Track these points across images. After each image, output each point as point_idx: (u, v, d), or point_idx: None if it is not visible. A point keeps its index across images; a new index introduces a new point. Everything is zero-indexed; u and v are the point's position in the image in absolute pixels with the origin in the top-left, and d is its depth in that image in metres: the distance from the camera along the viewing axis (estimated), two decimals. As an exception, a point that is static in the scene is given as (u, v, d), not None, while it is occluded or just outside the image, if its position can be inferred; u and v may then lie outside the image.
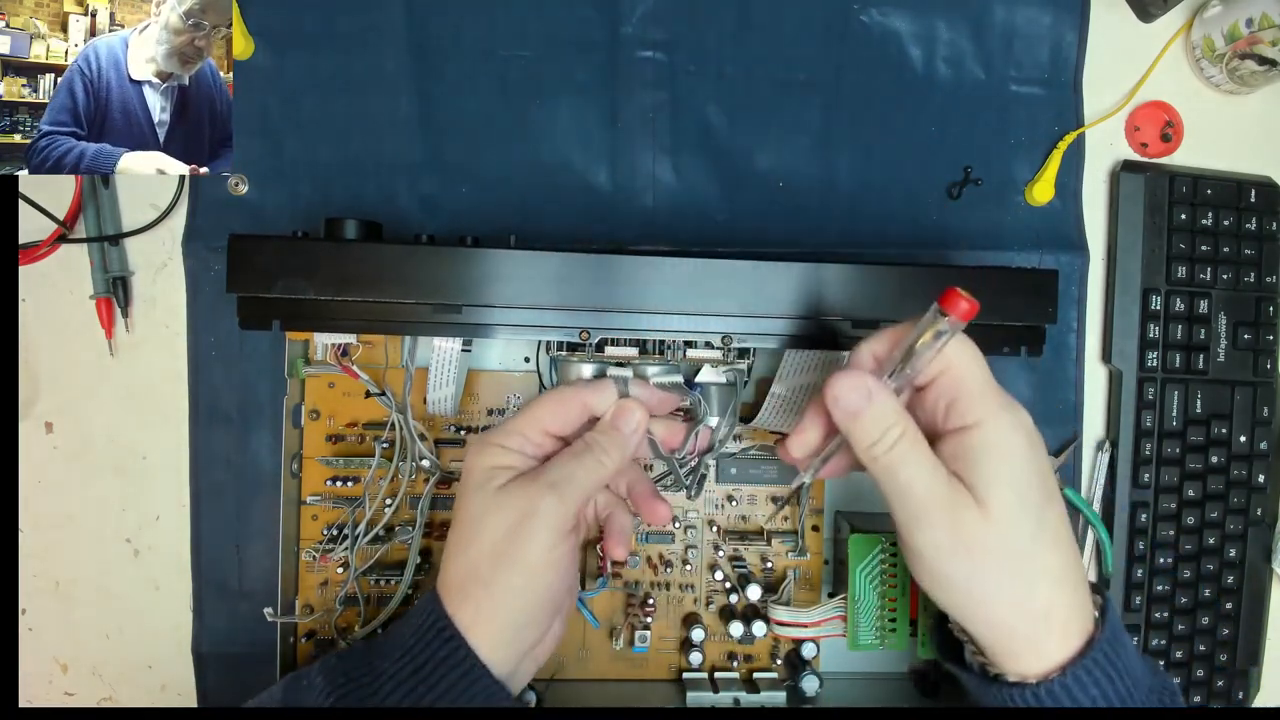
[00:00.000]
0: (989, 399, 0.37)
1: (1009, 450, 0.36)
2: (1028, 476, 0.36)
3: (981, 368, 0.37)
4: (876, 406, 0.36)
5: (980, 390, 0.37)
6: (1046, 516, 0.36)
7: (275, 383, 0.54)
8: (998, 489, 0.35)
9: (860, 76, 0.58)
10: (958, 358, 0.37)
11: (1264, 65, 0.56)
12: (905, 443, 0.36)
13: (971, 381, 0.37)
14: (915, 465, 0.36)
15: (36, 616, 0.55)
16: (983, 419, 0.36)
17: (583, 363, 0.49)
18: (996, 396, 0.37)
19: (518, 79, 0.56)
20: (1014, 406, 0.37)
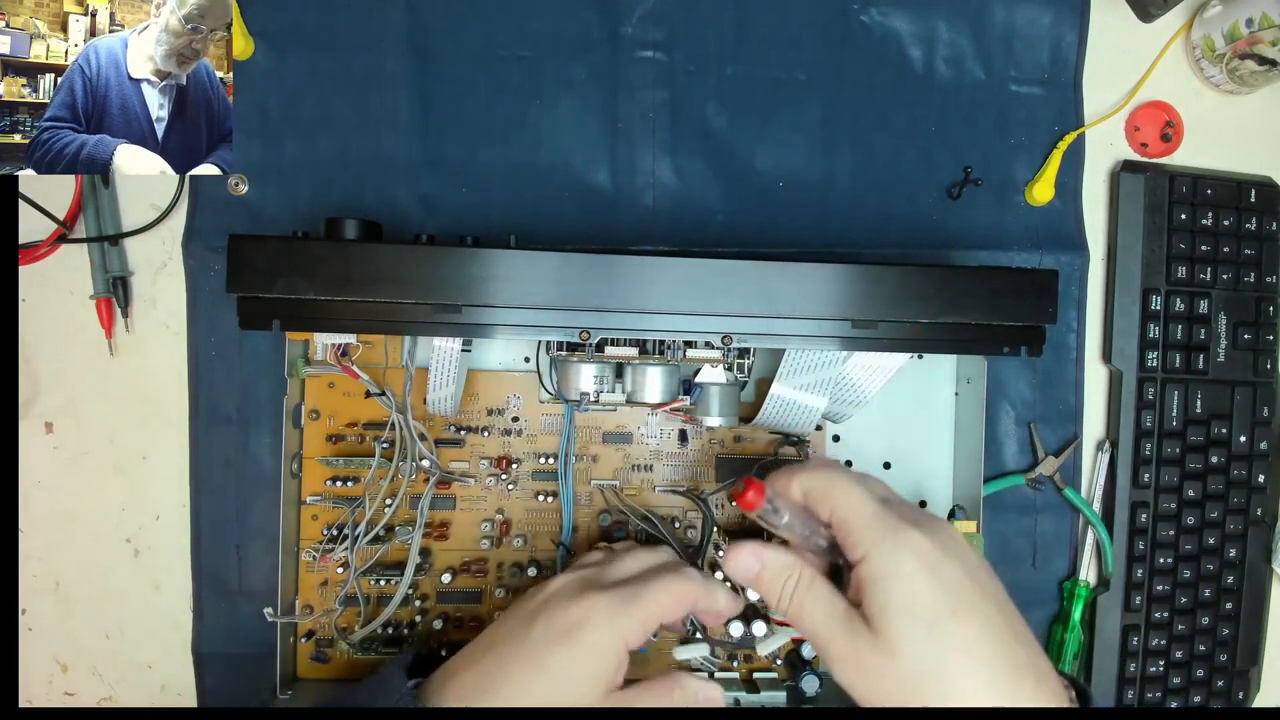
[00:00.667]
0: (872, 530, 0.38)
1: (894, 576, 0.36)
2: (921, 599, 0.36)
3: (862, 500, 0.39)
4: (767, 570, 0.40)
5: (861, 524, 0.38)
6: (954, 633, 0.35)
7: (275, 383, 0.54)
8: (887, 618, 0.36)
9: (860, 76, 0.58)
10: (837, 497, 0.39)
11: (1264, 65, 0.56)
12: (800, 591, 0.39)
13: (853, 518, 0.38)
14: (812, 609, 0.38)
15: (36, 616, 0.55)
16: (868, 551, 0.37)
17: (583, 363, 0.49)
18: (880, 525, 0.38)
19: (518, 79, 0.56)
20: (900, 530, 0.37)
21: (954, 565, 0.37)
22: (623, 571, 0.43)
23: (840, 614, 0.37)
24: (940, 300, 0.46)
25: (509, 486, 0.54)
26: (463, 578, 0.53)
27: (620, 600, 0.40)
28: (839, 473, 0.41)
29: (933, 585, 0.36)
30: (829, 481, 0.40)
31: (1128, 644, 0.57)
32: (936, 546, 0.37)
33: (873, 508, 0.38)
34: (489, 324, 0.45)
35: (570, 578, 0.42)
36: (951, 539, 0.38)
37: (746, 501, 0.39)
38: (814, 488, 0.40)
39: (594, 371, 0.50)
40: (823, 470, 0.41)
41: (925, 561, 0.37)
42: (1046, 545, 0.59)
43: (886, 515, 0.38)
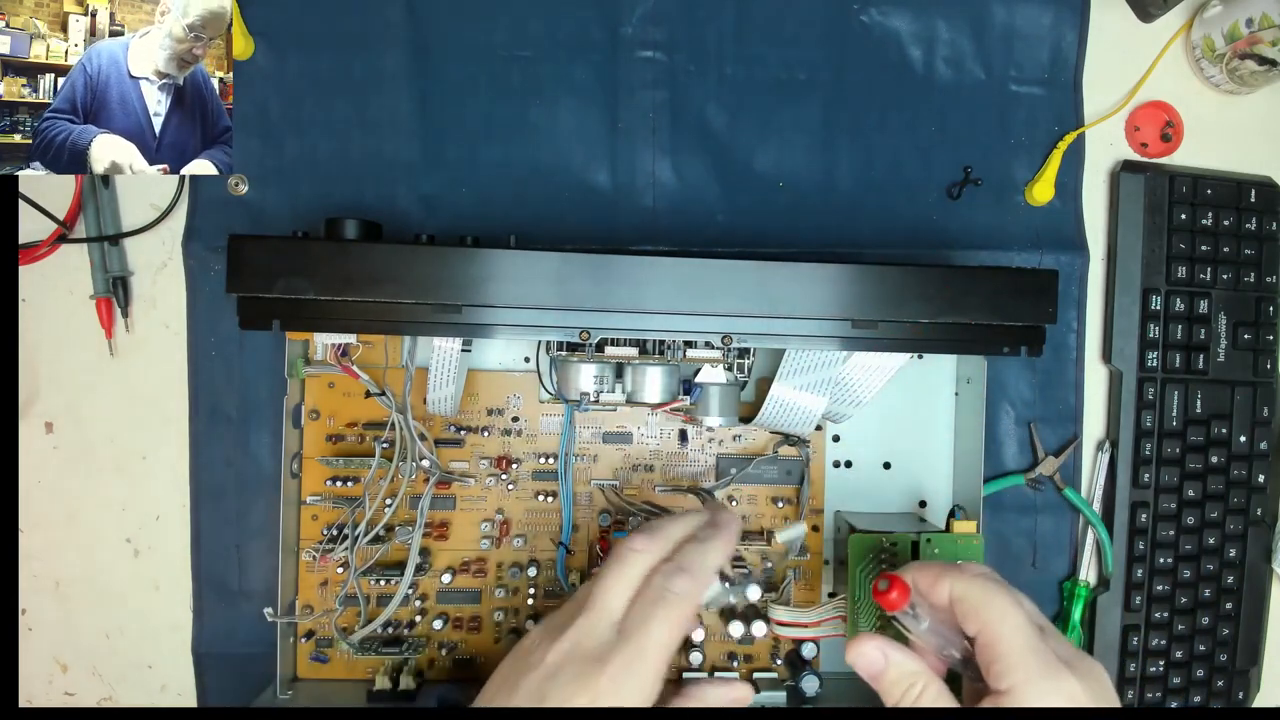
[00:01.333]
0: (1025, 664, 0.35)
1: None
2: None
3: (1017, 627, 0.36)
4: (891, 670, 0.38)
5: (1014, 653, 0.35)
6: None
7: (275, 383, 0.54)
8: None
9: (860, 76, 0.58)
10: (993, 617, 0.36)
11: (1264, 65, 0.56)
12: (925, 700, 0.37)
13: (1002, 644, 0.36)
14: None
15: (36, 616, 0.55)
16: (1015, 686, 0.35)
17: (583, 363, 0.49)
18: (1037, 662, 0.35)
19: (518, 79, 0.56)
20: (1058, 673, 0.35)
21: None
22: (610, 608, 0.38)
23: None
24: (940, 300, 0.46)
25: (509, 486, 0.54)
26: (463, 578, 0.53)
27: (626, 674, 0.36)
28: (997, 588, 0.38)
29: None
30: (986, 596, 0.37)
31: (1128, 644, 0.57)
32: (1089, 698, 0.35)
33: (1030, 639, 0.36)
34: (489, 324, 0.45)
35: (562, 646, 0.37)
36: (1104, 688, 0.36)
37: (889, 602, 0.36)
38: (968, 598, 0.37)
39: (594, 371, 0.50)
40: (980, 581, 0.38)
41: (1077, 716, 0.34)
42: (1046, 545, 0.59)
43: (1044, 652, 0.36)
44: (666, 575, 0.38)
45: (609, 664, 0.35)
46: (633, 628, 0.37)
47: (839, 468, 0.56)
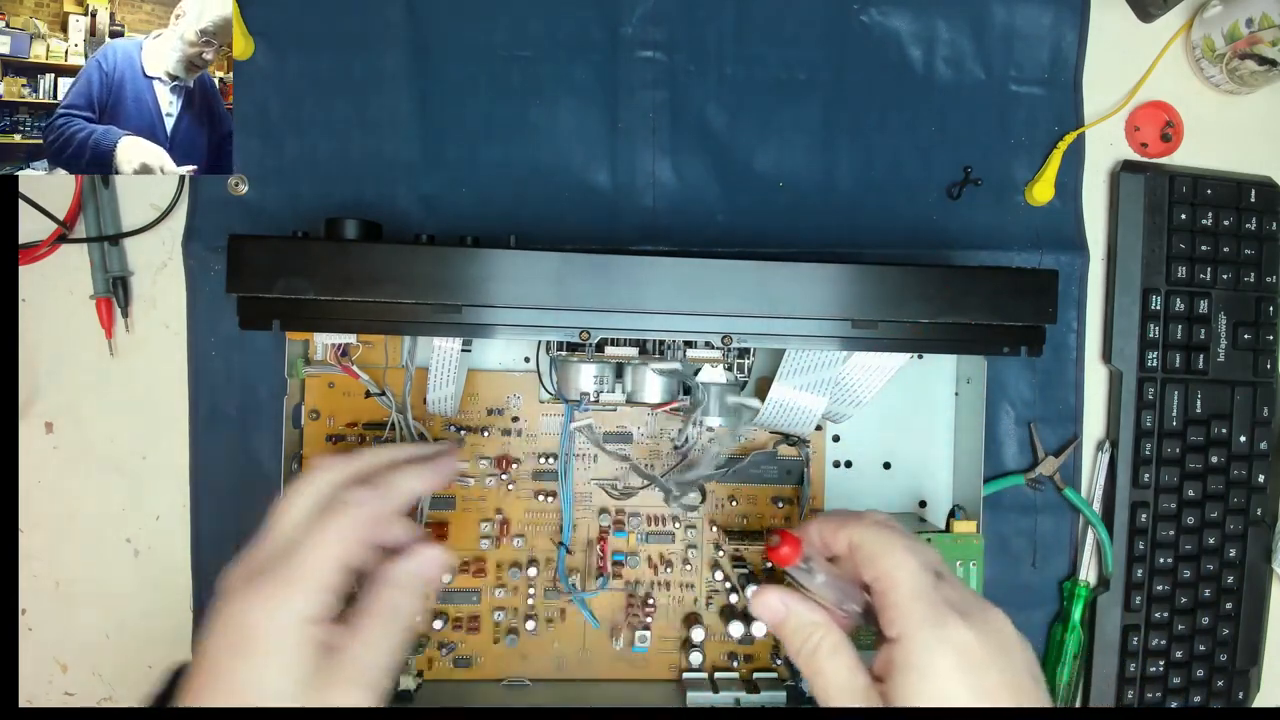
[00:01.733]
0: (914, 612, 0.35)
1: (929, 672, 0.34)
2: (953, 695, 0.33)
3: (909, 573, 0.36)
4: (792, 619, 0.38)
5: (903, 602, 0.35)
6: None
7: (275, 383, 0.54)
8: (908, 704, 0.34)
9: (860, 76, 0.58)
10: (887, 563, 0.36)
11: (1264, 65, 0.56)
12: (822, 654, 0.36)
13: (894, 592, 0.36)
14: (831, 676, 0.36)
15: (36, 616, 0.55)
16: (904, 634, 0.35)
17: (583, 363, 0.49)
18: (927, 609, 0.35)
19: (518, 79, 0.56)
20: (946, 620, 0.34)
21: (996, 671, 0.34)
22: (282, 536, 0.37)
23: (860, 690, 0.35)
24: (940, 300, 0.46)
25: (509, 486, 0.54)
26: (462, 578, 0.53)
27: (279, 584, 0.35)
28: (892, 534, 0.38)
29: (968, 690, 0.34)
30: (881, 542, 0.37)
31: (1128, 644, 0.57)
32: (982, 647, 0.34)
33: (920, 586, 0.35)
34: (489, 324, 0.45)
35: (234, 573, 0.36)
36: (1001, 638, 0.36)
37: (780, 557, 0.37)
38: (864, 545, 0.37)
39: (594, 371, 0.50)
40: (876, 528, 0.38)
41: (966, 663, 0.34)
42: (1046, 545, 0.59)
43: (934, 599, 0.35)
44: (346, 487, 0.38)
45: (266, 574, 0.35)
46: (298, 536, 0.36)
47: (839, 468, 0.56)
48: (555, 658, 0.54)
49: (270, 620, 0.34)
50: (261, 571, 0.35)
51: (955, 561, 0.50)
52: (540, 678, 0.54)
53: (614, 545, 0.54)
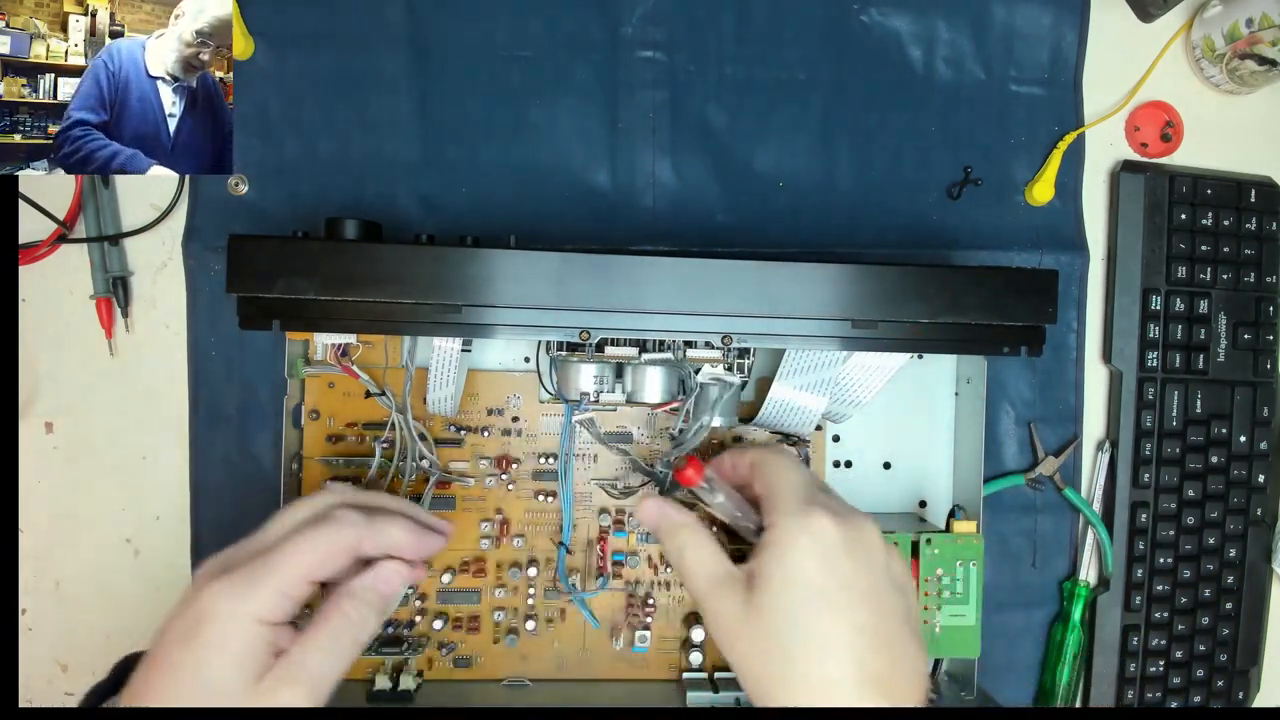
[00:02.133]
0: (788, 502, 0.39)
1: (789, 548, 0.38)
2: (803, 578, 0.37)
3: (785, 474, 0.41)
4: (665, 520, 0.42)
5: (777, 496, 0.40)
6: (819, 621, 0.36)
7: (275, 383, 0.54)
8: (766, 584, 0.37)
9: (860, 76, 0.58)
10: (774, 471, 0.42)
11: (1264, 65, 0.56)
12: (690, 547, 0.41)
13: (770, 489, 0.41)
14: (695, 561, 0.40)
15: (36, 616, 0.55)
16: (774, 521, 0.39)
17: (583, 363, 0.49)
18: (797, 500, 0.39)
19: (518, 79, 0.56)
20: (813, 510, 0.39)
21: (852, 561, 0.38)
22: (266, 539, 0.39)
23: (721, 573, 0.39)
24: (940, 300, 0.46)
25: (509, 486, 0.54)
26: (462, 577, 0.53)
27: (243, 579, 0.36)
28: (785, 455, 0.44)
29: (820, 570, 0.37)
30: (773, 459, 0.43)
31: (1128, 644, 0.57)
32: (842, 537, 0.38)
33: (799, 484, 0.40)
34: (489, 324, 0.45)
35: (208, 564, 0.38)
36: (863, 537, 0.39)
37: (685, 477, 0.42)
38: (760, 463, 0.43)
39: (594, 371, 0.50)
40: (775, 451, 0.44)
41: (823, 546, 0.38)
42: (1046, 545, 0.59)
43: (808, 494, 0.40)
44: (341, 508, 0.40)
45: (236, 570, 0.36)
46: (276, 537, 0.38)
47: (839, 468, 0.56)
48: (555, 658, 0.54)
49: (226, 614, 0.35)
50: (232, 567, 0.37)
51: (955, 561, 0.50)
52: (540, 678, 0.54)
53: (614, 545, 0.54)
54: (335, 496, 0.41)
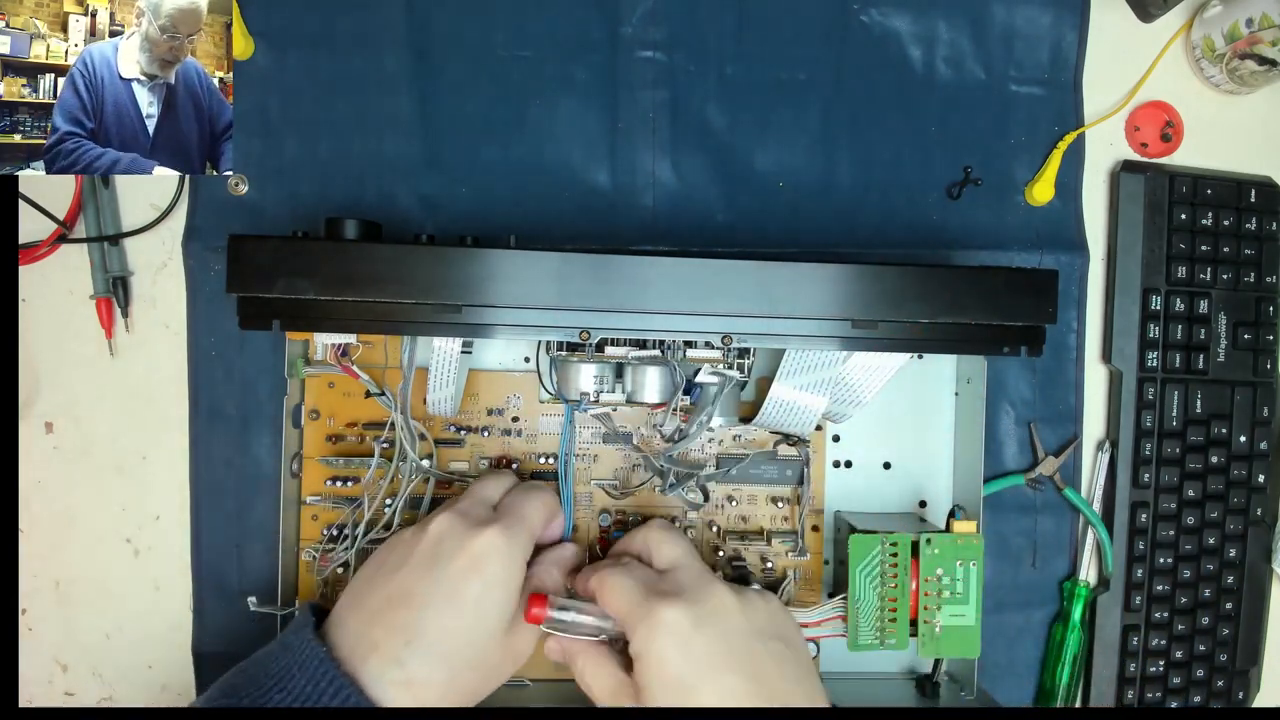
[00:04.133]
0: (632, 615, 0.42)
1: (647, 655, 0.41)
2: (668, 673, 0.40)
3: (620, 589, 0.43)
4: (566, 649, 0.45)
5: (623, 612, 0.42)
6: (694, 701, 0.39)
7: (275, 383, 0.54)
8: (645, 692, 0.40)
9: (860, 76, 0.58)
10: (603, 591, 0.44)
11: (1264, 65, 0.56)
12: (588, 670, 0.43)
13: (615, 608, 0.43)
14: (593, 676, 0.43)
15: (36, 616, 0.55)
16: (630, 636, 0.42)
17: (582, 363, 0.49)
18: (638, 608, 0.42)
19: (518, 79, 0.56)
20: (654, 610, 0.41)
21: (703, 636, 0.41)
22: (488, 496, 0.47)
23: (618, 686, 0.42)
24: (940, 300, 0.46)
25: (509, 486, 0.54)
26: (463, 578, 0.53)
27: (508, 526, 0.44)
28: (605, 569, 0.45)
29: (679, 659, 0.40)
30: (600, 580, 0.44)
31: (1128, 644, 0.57)
32: (689, 620, 0.41)
33: (633, 594, 0.42)
34: (489, 324, 0.45)
35: (448, 516, 0.44)
36: (712, 606, 0.42)
37: (531, 617, 0.43)
38: (594, 588, 0.44)
39: (594, 371, 0.50)
40: (601, 569, 0.45)
41: (675, 637, 0.40)
42: (1046, 545, 0.59)
43: (645, 597, 0.42)
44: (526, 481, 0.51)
45: (490, 525, 0.43)
46: (510, 504, 0.47)
47: (839, 468, 0.56)
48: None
49: (506, 553, 0.43)
50: (491, 520, 0.44)
51: (955, 561, 0.50)
52: (540, 678, 0.53)
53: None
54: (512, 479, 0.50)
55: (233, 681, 0.40)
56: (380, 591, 0.42)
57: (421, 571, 0.42)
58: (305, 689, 0.38)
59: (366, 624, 0.41)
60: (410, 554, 0.43)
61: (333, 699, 0.38)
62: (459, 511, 0.44)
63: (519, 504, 0.46)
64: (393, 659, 0.40)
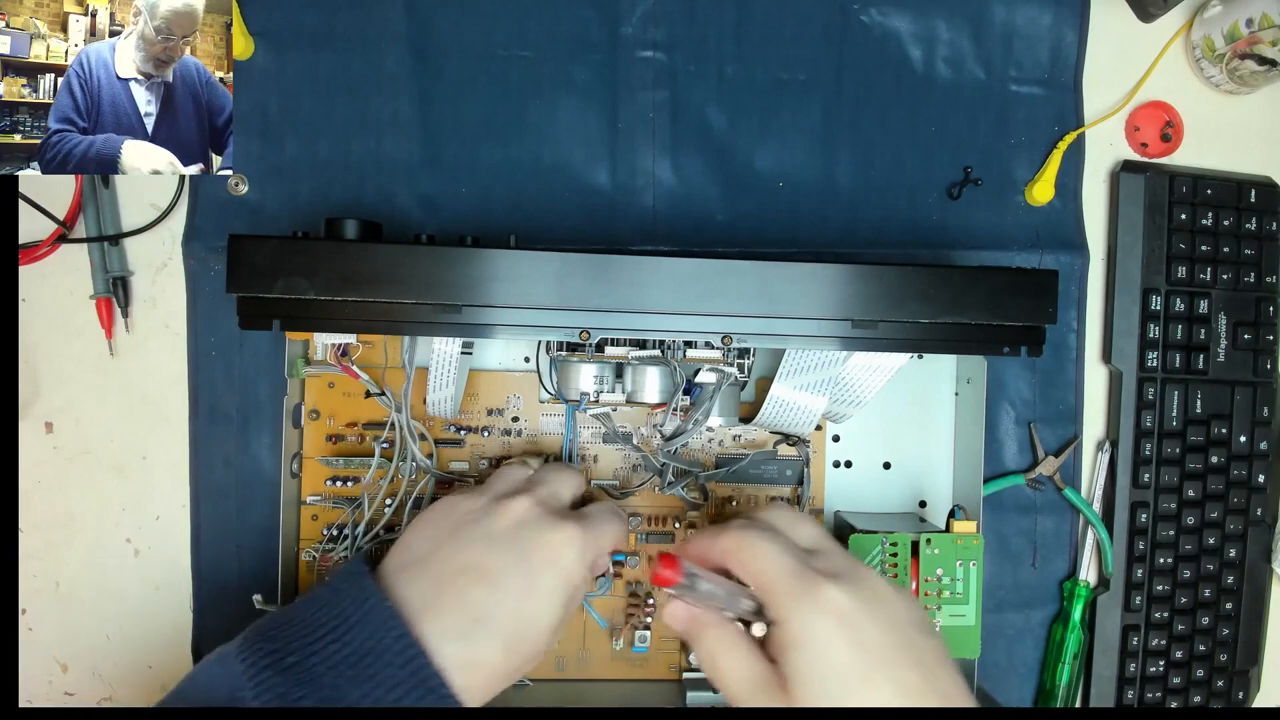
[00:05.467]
0: (788, 592, 0.37)
1: (810, 642, 0.36)
2: (835, 665, 0.36)
3: (775, 558, 0.38)
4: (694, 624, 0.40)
5: (777, 585, 0.38)
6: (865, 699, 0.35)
7: (275, 383, 0.54)
8: (801, 685, 0.36)
9: (860, 76, 0.58)
10: (749, 557, 0.39)
11: (1264, 65, 0.56)
12: (722, 653, 0.39)
13: (764, 580, 0.38)
14: (729, 670, 0.38)
15: (36, 616, 0.55)
16: (784, 615, 0.37)
17: (582, 363, 0.49)
18: (797, 585, 0.37)
19: (518, 79, 0.56)
20: (817, 589, 0.37)
21: (875, 624, 0.37)
22: (563, 495, 0.45)
23: (758, 678, 0.37)
24: (940, 300, 0.46)
25: (509, 486, 0.54)
26: (463, 578, 0.53)
27: (587, 530, 0.42)
28: (751, 530, 0.40)
29: (848, 649, 0.36)
30: (742, 542, 0.39)
31: (1128, 644, 0.57)
32: (857, 604, 0.37)
33: (787, 565, 0.38)
34: (489, 324, 0.45)
35: (531, 503, 0.42)
36: (876, 593, 0.38)
37: (662, 579, 0.38)
38: (731, 551, 0.40)
39: (594, 371, 0.50)
40: (736, 531, 0.40)
41: (843, 623, 0.36)
42: (1046, 545, 0.59)
43: (804, 573, 0.38)
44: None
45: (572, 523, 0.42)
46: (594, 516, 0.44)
47: (839, 468, 0.56)
48: (555, 658, 0.54)
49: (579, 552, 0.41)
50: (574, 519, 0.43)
51: (955, 561, 0.50)
52: (540, 678, 0.54)
53: (614, 545, 0.54)
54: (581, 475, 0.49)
55: (274, 629, 0.37)
56: (452, 559, 0.40)
57: (499, 552, 0.40)
58: (365, 642, 0.36)
59: (434, 588, 0.39)
60: (486, 530, 0.41)
61: (395, 658, 0.36)
62: (538, 500, 0.43)
63: (601, 519, 0.44)
64: (458, 634, 0.37)
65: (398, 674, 0.35)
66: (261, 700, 0.34)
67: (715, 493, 0.54)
